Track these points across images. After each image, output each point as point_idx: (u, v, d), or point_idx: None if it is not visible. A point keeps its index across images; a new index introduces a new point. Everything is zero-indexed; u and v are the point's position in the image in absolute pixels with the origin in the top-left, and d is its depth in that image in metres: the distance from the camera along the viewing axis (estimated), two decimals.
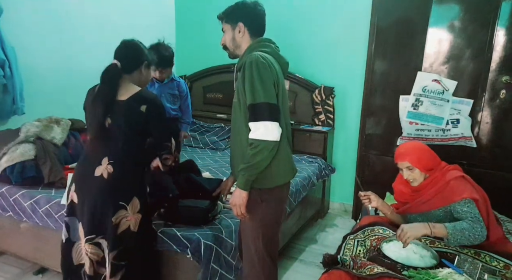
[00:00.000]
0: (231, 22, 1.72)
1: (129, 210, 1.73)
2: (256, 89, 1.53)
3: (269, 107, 1.54)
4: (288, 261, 2.76)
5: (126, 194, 1.73)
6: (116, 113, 1.72)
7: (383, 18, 2.95)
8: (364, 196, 2.12)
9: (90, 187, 1.72)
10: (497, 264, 1.73)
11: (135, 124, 1.73)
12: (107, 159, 1.71)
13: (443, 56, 2.78)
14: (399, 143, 2.94)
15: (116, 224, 1.71)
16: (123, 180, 1.73)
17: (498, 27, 2.58)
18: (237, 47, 1.75)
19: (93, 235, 1.74)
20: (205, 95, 4.13)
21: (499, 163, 2.71)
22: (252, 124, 1.56)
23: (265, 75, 1.55)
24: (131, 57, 1.82)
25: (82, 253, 1.80)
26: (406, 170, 2.00)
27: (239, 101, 1.65)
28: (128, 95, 1.74)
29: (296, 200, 2.74)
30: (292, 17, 3.57)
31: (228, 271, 1.93)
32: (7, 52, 2.54)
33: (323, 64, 3.55)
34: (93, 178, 1.71)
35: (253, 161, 1.55)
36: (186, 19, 4.19)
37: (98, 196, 1.71)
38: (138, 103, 1.72)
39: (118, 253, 1.73)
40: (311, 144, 3.47)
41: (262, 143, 1.53)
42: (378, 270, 1.59)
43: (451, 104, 2.75)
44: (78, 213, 1.78)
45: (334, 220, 3.49)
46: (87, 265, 1.78)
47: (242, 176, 1.59)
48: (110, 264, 1.73)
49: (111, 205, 1.71)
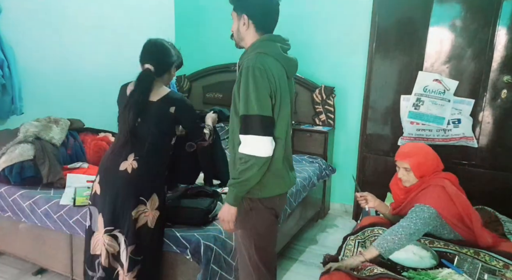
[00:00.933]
0: (238, 11, 1.59)
1: (148, 205, 1.80)
2: (250, 99, 1.43)
3: (262, 120, 1.43)
4: (288, 261, 2.75)
5: (146, 190, 1.80)
6: (147, 114, 1.79)
7: (384, 17, 2.93)
8: (360, 197, 2.12)
9: (114, 181, 1.79)
10: (497, 264, 1.72)
11: (163, 125, 1.83)
12: (133, 155, 1.78)
13: (444, 55, 2.76)
14: (400, 143, 2.93)
15: (135, 218, 1.78)
16: (146, 176, 1.80)
17: (499, 27, 2.56)
18: (241, 39, 1.63)
19: (112, 227, 1.80)
20: (204, 95, 4.12)
21: (500, 163, 2.70)
22: (243, 137, 1.46)
23: (261, 85, 1.43)
24: (163, 61, 1.87)
25: (99, 244, 1.84)
26: (402, 170, 2.00)
27: (235, 106, 1.55)
28: (158, 96, 1.81)
29: (296, 201, 2.73)
30: (292, 16, 3.56)
31: (228, 272, 1.92)
32: (5, 52, 2.54)
33: (324, 63, 3.54)
34: (117, 172, 1.78)
35: (242, 177, 1.45)
36: (185, 19, 4.18)
37: (120, 190, 1.78)
38: (167, 105, 1.81)
39: (135, 248, 1.78)
40: (312, 144, 3.46)
41: (252, 159, 1.43)
42: (378, 271, 1.58)
43: (452, 104, 2.74)
44: (100, 204, 1.83)
45: (334, 221, 3.48)
46: (103, 256, 1.82)
47: (231, 192, 1.50)
48: (128, 258, 1.78)
49: (132, 199, 1.77)
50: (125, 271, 1.79)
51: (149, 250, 1.83)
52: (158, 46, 1.88)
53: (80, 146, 2.77)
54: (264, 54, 1.51)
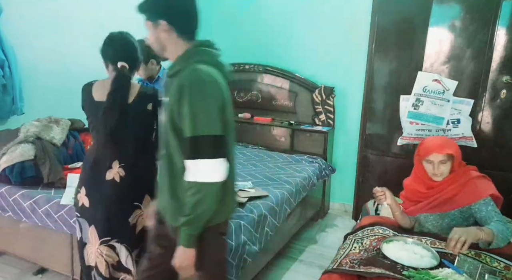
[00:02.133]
0: (153, 18, 1.35)
1: (143, 208, 1.77)
2: (197, 118, 1.23)
3: (214, 140, 1.24)
4: (288, 261, 2.75)
5: (139, 194, 1.76)
6: (126, 116, 1.68)
7: (383, 17, 2.94)
8: (381, 191, 2.03)
9: (102, 191, 1.72)
10: (498, 265, 1.72)
11: (144, 125, 1.76)
12: (117, 163, 1.71)
13: (443, 56, 2.77)
14: (400, 143, 2.94)
15: (133, 224, 1.75)
16: (135, 181, 1.74)
17: (499, 27, 2.57)
18: (164, 49, 1.39)
19: (109, 238, 1.75)
20: None
21: (500, 163, 2.70)
22: (192, 163, 1.24)
23: (211, 100, 1.26)
24: (137, 59, 1.76)
25: (92, 256, 1.79)
26: (438, 163, 1.91)
27: (171, 121, 1.30)
28: (132, 96, 1.71)
29: (296, 201, 2.73)
30: (292, 16, 3.57)
31: (228, 271, 1.92)
32: (6, 52, 2.54)
33: (324, 64, 3.54)
34: (104, 182, 1.71)
35: (196, 212, 1.25)
36: None
37: (112, 200, 1.71)
38: (144, 102, 1.72)
39: (141, 250, 1.76)
40: (312, 144, 3.47)
41: (205, 188, 1.24)
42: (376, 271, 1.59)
43: (451, 104, 2.75)
44: (90, 216, 1.76)
45: (334, 221, 3.48)
46: (103, 268, 1.77)
47: (185, 233, 1.27)
48: (135, 262, 1.76)
49: (127, 207, 1.74)
50: (134, 275, 1.77)
51: None
52: (129, 42, 1.74)
53: (80, 146, 2.78)
54: (203, 62, 1.33)
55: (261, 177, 2.87)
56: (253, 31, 3.80)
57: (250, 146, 3.74)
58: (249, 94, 3.87)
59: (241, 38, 3.88)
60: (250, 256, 2.12)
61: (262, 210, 2.27)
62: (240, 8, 3.84)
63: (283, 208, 2.53)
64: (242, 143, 3.80)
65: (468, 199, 1.88)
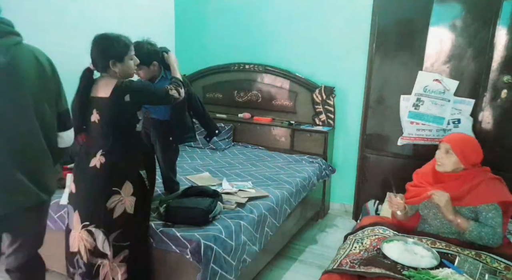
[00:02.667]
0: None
1: (122, 194, 1.83)
2: None
3: None
4: (288, 261, 2.75)
5: (117, 180, 1.83)
6: (103, 111, 1.81)
7: (384, 17, 2.93)
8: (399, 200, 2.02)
9: (85, 177, 1.85)
10: (498, 266, 1.72)
11: (123, 117, 1.83)
12: (100, 151, 1.83)
13: (444, 55, 2.77)
14: (400, 143, 2.93)
15: (111, 209, 1.81)
16: (114, 168, 1.83)
17: (500, 27, 2.56)
18: None
19: (88, 223, 1.84)
20: (204, 95, 4.12)
21: (501, 163, 2.69)
22: None
23: None
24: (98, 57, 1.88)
25: (76, 242, 1.88)
26: (443, 152, 1.97)
27: None
28: (109, 90, 1.80)
29: (296, 201, 2.73)
30: (293, 16, 3.57)
31: (228, 271, 1.92)
32: None
33: (324, 63, 3.54)
34: (88, 169, 1.83)
35: None
36: (185, 19, 4.18)
37: (91, 185, 1.83)
38: (121, 95, 1.79)
39: (118, 235, 1.83)
40: (312, 144, 3.47)
41: None
42: (376, 271, 1.58)
43: (452, 104, 2.74)
44: (74, 202, 1.89)
45: (334, 221, 3.48)
46: (83, 252, 1.86)
47: None
48: (111, 246, 1.83)
49: (104, 192, 1.82)
50: (110, 258, 1.84)
51: (135, 236, 1.88)
52: (96, 41, 1.90)
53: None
54: None
55: (261, 177, 2.87)
56: (253, 31, 3.80)
57: (250, 146, 3.74)
58: (249, 94, 3.87)
59: (241, 38, 3.88)
60: (250, 256, 2.12)
61: (262, 210, 2.27)
62: (240, 8, 3.84)
63: (283, 208, 2.52)
64: (242, 143, 3.80)
65: (475, 201, 1.88)
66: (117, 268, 1.85)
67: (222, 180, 2.68)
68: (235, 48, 3.92)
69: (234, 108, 3.96)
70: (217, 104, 4.07)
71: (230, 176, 2.85)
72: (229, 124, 3.83)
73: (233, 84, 3.93)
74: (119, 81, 1.82)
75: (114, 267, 1.85)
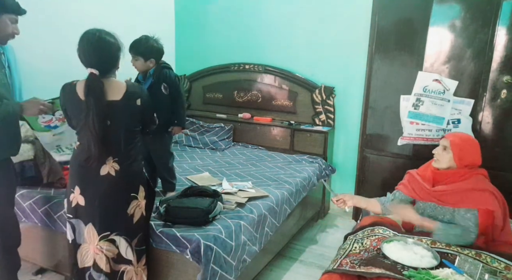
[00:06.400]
0: None
1: (139, 198, 1.84)
2: None
3: None
4: (288, 261, 2.75)
5: (135, 185, 1.83)
6: (115, 115, 1.72)
7: (383, 17, 2.93)
8: (337, 201, 2.17)
9: (98, 186, 1.75)
10: (498, 265, 1.72)
11: (134, 121, 1.81)
12: (111, 158, 1.75)
13: (444, 55, 2.77)
14: (400, 143, 2.94)
15: (131, 215, 1.81)
16: (130, 173, 1.80)
17: (499, 27, 2.57)
18: None
19: (108, 232, 1.78)
20: (204, 95, 4.12)
21: (500, 163, 2.70)
22: None
23: None
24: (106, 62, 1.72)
25: (89, 255, 1.80)
26: (440, 147, 1.99)
27: None
28: (120, 93, 1.72)
29: (296, 201, 2.73)
30: (292, 16, 3.57)
31: (228, 271, 1.92)
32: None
33: (324, 63, 3.54)
34: (99, 178, 1.74)
35: None
36: (186, 19, 4.19)
37: (109, 193, 1.76)
38: (133, 99, 1.76)
39: (139, 239, 1.85)
40: (312, 144, 3.47)
41: None
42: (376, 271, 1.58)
43: (452, 104, 2.74)
44: (86, 215, 1.78)
45: (334, 221, 3.48)
46: (103, 263, 1.79)
47: None
48: (134, 251, 1.83)
49: (125, 199, 1.79)
50: (135, 264, 1.83)
51: (147, 236, 1.92)
52: (101, 44, 1.69)
53: None
54: None
55: (261, 177, 2.87)
56: (253, 31, 3.80)
57: (250, 146, 3.74)
58: (249, 94, 3.87)
59: (241, 38, 3.88)
60: (250, 256, 2.12)
61: (262, 210, 2.27)
62: (240, 8, 3.84)
63: (283, 208, 2.53)
64: (242, 143, 3.80)
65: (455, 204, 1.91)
66: (141, 272, 1.86)
67: (222, 180, 2.68)
68: (235, 48, 3.92)
69: (234, 108, 3.96)
70: (217, 104, 4.07)
71: (230, 176, 2.86)
72: (229, 124, 3.83)
73: (233, 84, 3.94)
74: (129, 84, 1.77)
75: (139, 272, 1.85)
